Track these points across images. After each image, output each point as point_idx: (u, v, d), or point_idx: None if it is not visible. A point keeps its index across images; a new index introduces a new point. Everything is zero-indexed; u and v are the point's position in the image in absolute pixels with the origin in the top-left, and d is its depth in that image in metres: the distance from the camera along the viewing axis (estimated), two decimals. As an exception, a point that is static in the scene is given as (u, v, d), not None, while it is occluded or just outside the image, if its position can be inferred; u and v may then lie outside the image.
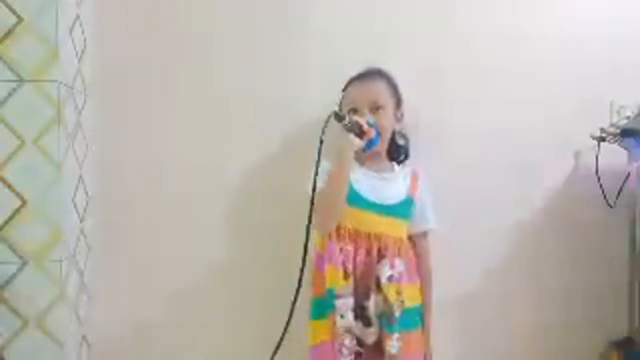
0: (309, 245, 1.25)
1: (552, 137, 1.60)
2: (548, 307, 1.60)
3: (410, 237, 1.41)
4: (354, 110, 1.38)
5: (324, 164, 1.31)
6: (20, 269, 1.36)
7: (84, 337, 1.51)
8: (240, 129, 1.58)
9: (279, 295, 1.57)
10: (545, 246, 1.61)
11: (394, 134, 1.45)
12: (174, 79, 1.57)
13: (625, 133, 1.46)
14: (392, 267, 1.32)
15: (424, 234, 1.45)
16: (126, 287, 1.56)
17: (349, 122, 1.29)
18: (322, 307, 1.32)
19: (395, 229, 1.37)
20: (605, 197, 1.56)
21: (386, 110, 1.39)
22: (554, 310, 1.60)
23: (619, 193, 1.56)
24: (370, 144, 1.33)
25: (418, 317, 1.38)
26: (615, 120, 1.52)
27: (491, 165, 1.59)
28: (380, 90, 1.40)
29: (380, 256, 1.32)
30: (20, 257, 1.36)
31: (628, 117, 1.49)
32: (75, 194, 1.46)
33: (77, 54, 1.47)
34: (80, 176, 1.49)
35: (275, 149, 1.58)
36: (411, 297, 1.35)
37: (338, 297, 1.28)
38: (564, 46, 1.61)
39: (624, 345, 1.51)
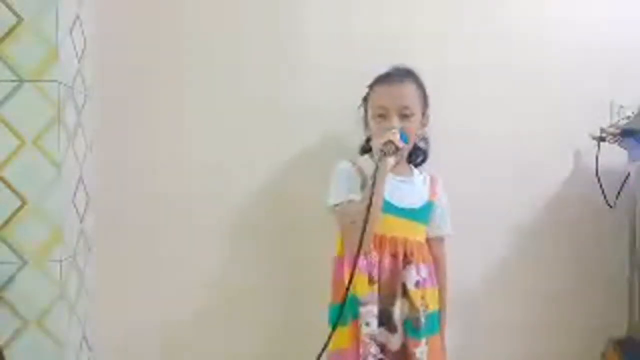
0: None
1: (552, 137, 1.60)
2: (548, 307, 1.60)
3: (426, 241, 1.39)
4: (382, 116, 1.33)
5: (347, 168, 1.32)
6: (20, 269, 1.36)
7: (84, 337, 1.51)
8: (241, 129, 1.58)
9: (280, 296, 1.58)
10: (545, 246, 1.61)
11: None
12: (174, 79, 1.57)
13: (625, 133, 1.46)
14: (418, 272, 1.29)
15: (441, 239, 1.42)
16: (126, 287, 1.56)
17: (387, 151, 1.24)
18: (343, 313, 1.24)
19: (418, 233, 1.35)
20: (605, 197, 1.56)
21: (414, 117, 1.34)
22: (554, 310, 1.60)
23: (619, 193, 1.56)
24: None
25: (438, 321, 1.35)
26: (615, 120, 1.52)
27: (491, 166, 1.59)
28: (410, 95, 1.34)
29: (407, 261, 1.29)
30: (20, 257, 1.36)
31: (628, 117, 1.49)
32: (75, 194, 1.45)
33: (77, 54, 1.47)
34: (80, 176, 1.49)
35: (276, 149, 1.58)
36: (433, 302, 1.33)
37: (363, 304, 1.25)
38: (564, 47, 1.61)
39: (624, 344, 1.51)
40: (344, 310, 1.21)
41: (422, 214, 1.37)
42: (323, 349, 1.18)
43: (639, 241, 1.52)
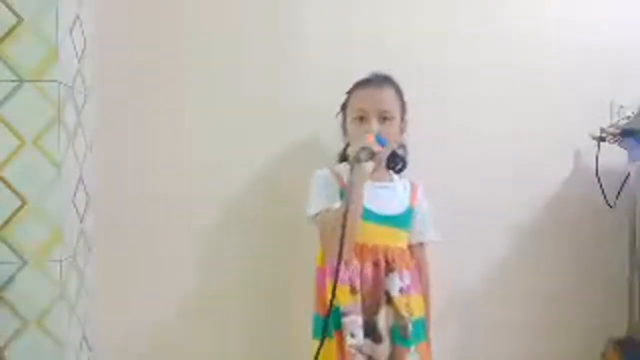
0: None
1: (552, 137, 1.60)
2: (548, 307, 1.60)
3: (408, 247, 1.38)
4: (362, 118, 1.33)
5: (325, 176, 1.32)
6: (20, 269, 1.36)
7: (84, 337, 1.51)
8: (241, 129, 1.58)
9: (279, 296, 1.58)
10: (545, 246, 1.61)
11: None
12: (173, 79, 1.57)
13: (625, 133, 1.46)
14: (401, 278, 1.28)
15: (422, 245, 1.42)
16: (126, 287, 1.56)
17: (362, 157, 1.21)
18: (326, 325, 1.22)
19: (399, 240, 1.35)
20: (605, 197, 1.56)
21: (394, 121, 1.35)
22: (554, 310, 1.60)
23: (619, 193, 1.56)
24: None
25: (424, 327, 1.34)
26: (615, 120, 1.52)
27: (491, 166, 1.59)
28: (390, 99, 1.35)
29: (389, 269, 1.28)
30: (20, 257, 1.36)
31: (628, 117, 1.49)
32: (75, 194, 1.45)
33: (77, 54, 1.47)
34: (80, 176, 1.49)
35: (276, 149, 1.58)
36: (418, 308, 1.32)
37: (345, 314, 1.23)
38: (564, 47, 1.61)
39: (624, 344, 1.51)
40: (327, 323, 1.18)
41: (403, 220, 1.35)
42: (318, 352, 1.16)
43: (639, 241, 1.52)
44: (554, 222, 1.61)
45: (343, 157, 1.43)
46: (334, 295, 1.14)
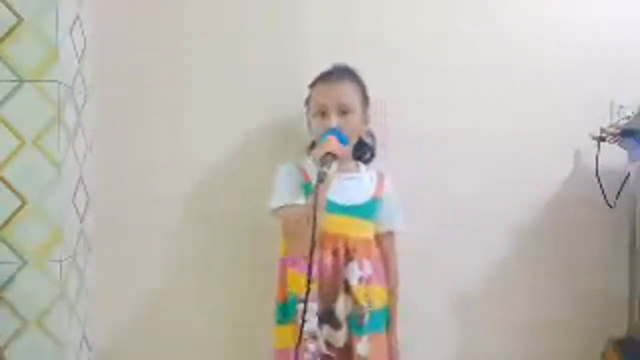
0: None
1: (552, 137, 1.60)
2: (548, 307, 1.60)
3: (376, 237, 1.39)
4: (323, 113, 1.33)
5: (289, 171, 1.34)
6: (20, 269, 1.36)
7: (84, 337, 1.51)
8: (241, 130, 1.58)
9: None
10: (545, 246, 1.61)
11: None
12: (173, 79, 1.58)
13: (625, 133, 1.46)
14: (361, 268, 1.29)
15: (390, 234, 1.42)
16: (126, 287, 1.56)
17: (327, 168, 1.18)
18: (285, 312, 1.31)
19: (362, 229, 1.35)
20: (605, 197, 1.56)
21: (354, 114, 1.35)
22: (554, 310, 1.60)
23: (619, 193, 1.56)
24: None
25: (385, 319, 1.36)
26: (615, 120, 1.51)
27: (491, 166, 1.59)
28: (349, 92, 1.35)
29: (349, 258, 1.30)
30: (20, 257, 1.36)
31: (628, 117, 1.49)
32: (75, 194, 1.46)
33: (77, 54, 1.47)
34: (80, 176, 1.49)
35: (277, 149, 1.58)
36: (380, 299, 1.33)
37: (300, 301, 1.23)
38: (564, 47, 1.61)
39: (624, 344, 1.51)
40: (287, 309, 1.28)
41: (365, 210, 1.35)
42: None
43: (639, 241, 1.52)
44: (554, 222, 1.60)
45: (310, 150, 1.43)
46: (309, 283, 1.14)
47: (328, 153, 1.20)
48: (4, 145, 1.36)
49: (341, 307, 1.27)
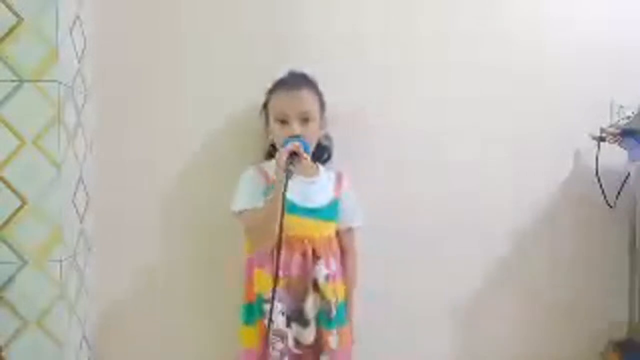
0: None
1: (552, 137, 1.60)
2: (548, 307, 1.60)
3: (336, 233, 1.43)
4: (283, 122, 1.35)
5: (251, 175, 1.38)
6: (20, 269, 1.36)
7: (84, 337, 1.51)
8: (241, 130, 1.57)
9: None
10: (545, 246, 1.61)
11: None
12: (173, 78, 1.57)
13: (625, 133, 1.46)
14: (327, 266, 1.35)
15: (348, 230, 1.45)
16: (126, 286, 1.56)
17: (292, 169, 1.23)
18: (251, 312, 1.35)
19: (325, 230, 1.39)
20: (605, 197, 1.56)
21: (314, 121, 1.37)
22: (554, 310, 1.60)
23: (619, 193, 1.56)
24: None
25: (345, 312, 1.40)
26: (615, 120, 1.52)
27: (491, 165, 1.59)
28: (309, 100, 1.38)
29: (316, 258, 1.34)
30: (20, 257, 1.36)
31: (628, 117, 1.49)
32: (75, 194, 1.46)
33: (77, 54, 1.47)
34: (80, 176, 1.49)
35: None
36: (341, 294, 1.39)
37: (267, 301, 1.28)
38: (564, 47, 1.61)
39: (624, 346, 1.51)
40: (252, 309, 1.34)
41: (327, 212, 1.40)
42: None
43: (639, 241, 1.52)
44: (554, 222, 1.61)
45: (269, 154, 1.46)
46: (275, 283, 1.19)
47: (294, 152, 1.25)
48: (4, 145, 1.36)
49: (310, 305, 1.33)
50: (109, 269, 1.56)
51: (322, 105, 1.42)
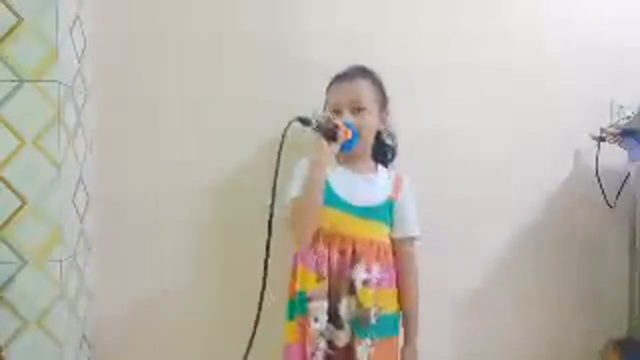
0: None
1: (552, 137, 1.60)
2: (548, 307, 1.61)
3: (393, 242, 1.35)
4: (337, 112, 1.33)
5: (300, 169, 1.32)
6: (20, 269, 1.36)
7: (83, 337, 1.51)
8: (241, 130, 1.58)
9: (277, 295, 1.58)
10: (545, 246, 1.61)
11: (379, 133, 1.40)
12: (173, 79, 1.58)
13: (625, 133, 1.47)
14: (368, 271, 1.27)
15: (405, 240, 1.36)
16: (126, 287, 1.56)
17: (317, 125, 1.23)
18: (293, 308, 1.31)
19: (372, 231, 1.32)
20: (605, 197, 1.56)
21: (368, 111, 1.34)
22: (554, 309, 1.60)
23: (619, 193, 1.57)
24: (348, 145, 1.29)
25: (395, 324, 1.33)
26: (615, 120, 1.52)
27: (491, 166, 1.59)
28: (361, 90, 1.34)
29: (355, 259, 1.28)
30: (20, 257, 1.36)
31: (628, 117, 1.49)
32: (75, 194, 1.46)
33: (77, 54, 1.47)
34: (80, 176, 1.49)
35: (276, 150, 1.58)
36: (390, 304, 1.31)
37: (310, 299, 1.26)
38: (564, 47, 1.61)
39: (624, 345, 1.51)
40: (294, 305, 1.29)
41: (377, 212, 1.33)
42: (250, 341, 1.24)
43: (639, 241, 1.52)
44: (553, 222, 1.61)
45: None
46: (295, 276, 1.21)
47: (335, 125, 1.25)
48: (4, 145, 1.36)
49: (344, 307, 1.27)
50: (109, 269, 1.56)
51: (380, 98, 1.38)
